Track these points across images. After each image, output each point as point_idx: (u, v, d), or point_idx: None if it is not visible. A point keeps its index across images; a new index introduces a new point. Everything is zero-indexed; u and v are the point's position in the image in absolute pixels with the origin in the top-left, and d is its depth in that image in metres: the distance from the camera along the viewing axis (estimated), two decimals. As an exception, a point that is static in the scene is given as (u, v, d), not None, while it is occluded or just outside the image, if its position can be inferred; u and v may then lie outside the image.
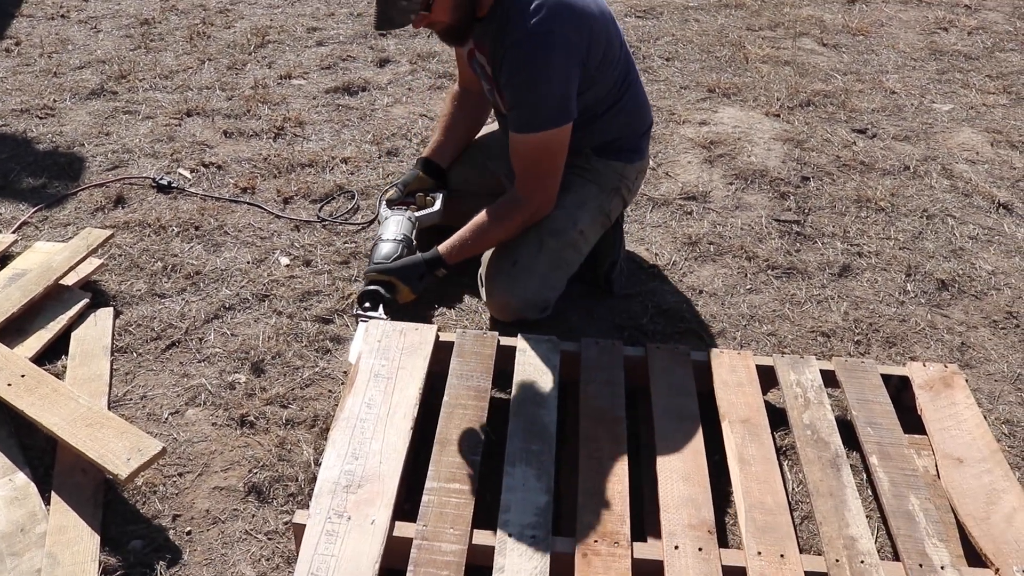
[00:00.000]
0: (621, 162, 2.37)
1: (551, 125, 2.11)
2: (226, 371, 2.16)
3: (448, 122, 2.56)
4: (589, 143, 2.33)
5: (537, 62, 2.06)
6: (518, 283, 2.23)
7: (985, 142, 3.36)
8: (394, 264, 2.17)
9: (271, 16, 4.38)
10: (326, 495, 1.66)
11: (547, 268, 2.25)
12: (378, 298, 2.13)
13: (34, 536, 1.71)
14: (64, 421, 1.83)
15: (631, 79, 2.33)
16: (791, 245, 2.71)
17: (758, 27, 4.43)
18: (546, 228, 2.26)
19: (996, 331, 2.41)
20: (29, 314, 2.21)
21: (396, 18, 2.05)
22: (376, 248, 2.24)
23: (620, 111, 2.31)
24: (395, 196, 2.44)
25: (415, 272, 2.17)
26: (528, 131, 2.12)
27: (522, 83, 2.10)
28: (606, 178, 2.35)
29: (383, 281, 2.15)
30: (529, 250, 2.24)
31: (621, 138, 2.36)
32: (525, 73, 2.08)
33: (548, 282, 2.27)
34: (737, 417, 1.90)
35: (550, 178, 2.20)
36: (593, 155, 2.35)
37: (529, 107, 2.11)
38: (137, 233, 2.66)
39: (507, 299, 2.24)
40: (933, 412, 1.96)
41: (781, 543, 1.63)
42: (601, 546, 1.60)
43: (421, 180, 2.50)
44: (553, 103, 2.10)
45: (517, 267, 2.23)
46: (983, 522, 1.71)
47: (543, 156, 2.16)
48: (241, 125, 3.30)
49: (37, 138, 3.20)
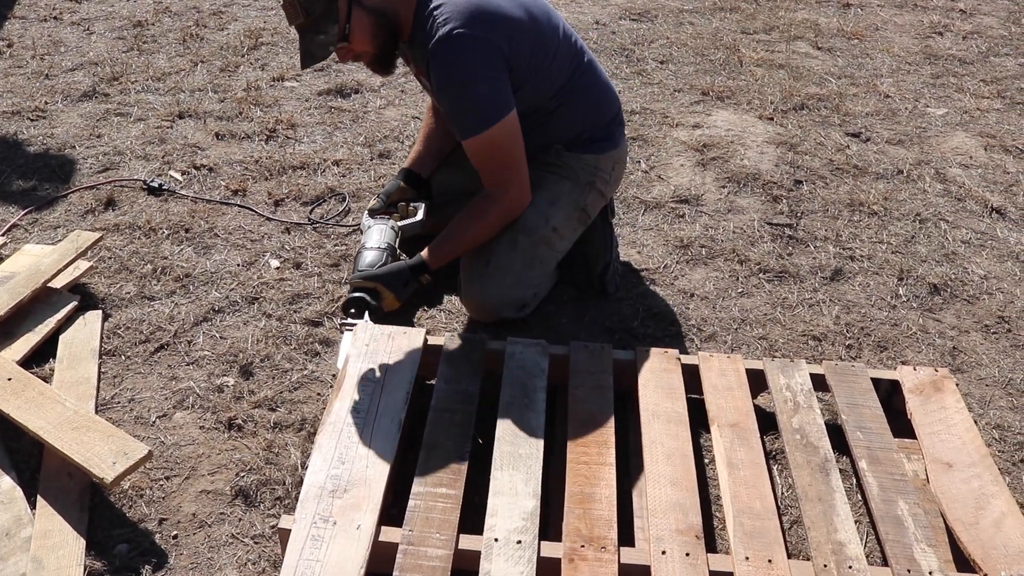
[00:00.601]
0: (593, 154, 2.34)
1: (492, 122, 2.10)
2: (215, 374, 2.15)
3: (427, 132, 2.58)
4: (556, 138, 2.31)
5: (456, 66, 2.06)
6: (492, 282, 2.23)
7: (979, 146, 3.36)
8: (379, 271, 2.16)
9: (265, 18, 4.37)
10: (312, 500, 1.65)
11: (521, 266, 2.25)
12: (363, 305, 2.12)
13: (19, 540, 1.70)
14: (50, 425, 1.82)
15: (582, 70, 2.30)
16: (783, 249, 2.71)
17: (752, 30, 4.43)
18: (519, 227, 2.25)
19: (988, 336, 2.40)
20: (17, 317, 2.20)
21: (316, 53, 2.08)
22: (360, 256, 2.23)
23: (576, 104, 2.30)
24: (377, 206, 2.44)
25: (400, 279, 2.16)
26: (472, 134, 2.12)
27: (449, 90, 2.10)
28: (579, 172, 2.33)
29: (368, 288, 2.14)
30: (502, 249, 2.24)
31: (587, 130, 2.34)
32: (448, 80, 2.09)
33: (523, 280, 2.26)
34: (726, 421, 1.89)
35: (513, 169, 2.19)
36: (564, 150, 2.33)
37: (464, 112, 2.12)
38: (127, 235, 2.65)
39: (482, 298, 2.24)
40: (923, 416, 1.95)
41: (769, 548, 1.62)
42: (588, 551, 1.60)
43: (403, 190, 2.50)
44: (485, 101, 2.09)
45: (491, 266, 2.23)
46: (972, 527, 1.70)
47: (497, 152, 2.15)
48: (233, 127, 3.29)
49: (28, 140, 3.19)
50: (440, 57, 2.06)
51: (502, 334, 2.10)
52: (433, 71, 2.09)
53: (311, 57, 2.08)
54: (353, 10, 2.06)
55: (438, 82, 2.10)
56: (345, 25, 2.06)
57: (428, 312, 2.39)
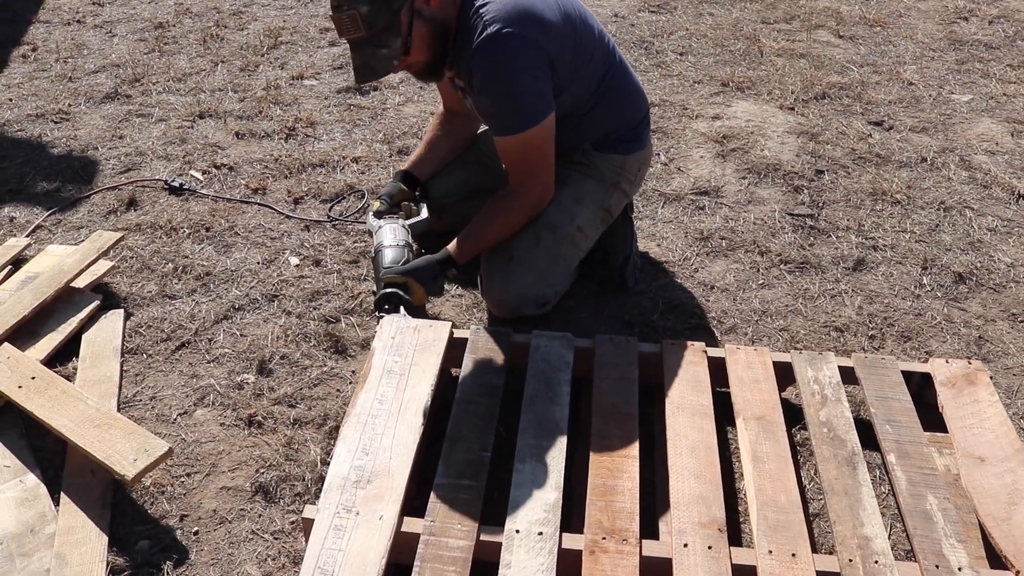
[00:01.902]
0: (620, 155, 2.34)
1: (533, 123, 2.10)
2: (235, 371, 2.16)
3: (431, 139, 2.57)
4: (586, 138, 2.31)
5: (503, 63, 2.05)
6: (514, 278, 2.22)
7: (1005, 132, 3.31)
8: (409, 266, 2.17)
9: (284, 17, 4.39)
10: (335, 490, 1.66)
11: (544, 264, 2.25)
12: (398, 300, 2.13)
13: (43, 536, 1.72)
14: (73, 423, 1.84)
15: (614, 71, 2.30)
16: (804, 239, 2.68)
17: (773, 20, 4.38)
18: (543, 223, 2.25)
19: (1015, 324, 2.36)
20: (40, 317, 2.23)
21: (378, 67, 2.06)
22: (381, 255, 2.25)
23: (608, 105, 2.30)
24: (382, 208, 2.44)
25: (429, 273, 2.17)
26: (512, 133, 2.12)
27: (493, 87, 2.09)
28: (605, 172, 2.33)
29: (399, 284, 2.15)
30: (526, 245, 2.24)
31: (616, 130, 2.34)
32: (494, 77, 2.07)
33: (545, 278, 2.26)
34: (752, 414, 1.87)
35: (544, 170, 2.20)
36: (592, 150, 2.33)
37: (506, 110, 2.11)
38: (148, 235, 2.67)
39: (503, 295, 2.24)
40: (955, 410, 1.92)
41: (793, 542, 1.60)
42: (609, 543, 1.59)
43: (403, 192, 2.49)
44: (528, 101, 2.09)
45: (513, 263, 2.22)
46: (1004, 523, 1.66)
47: (530, 153, 2.16)
48: (253, 126, 3.31)
49: (52, 142, 3.22)
50: (488, 54, 2.05)
51: (525, 328, 2.09)
52: (477, 67, 2.07)
53: (372, 72, 2.06)
54: (414, 21, 2.04)
55: (483, 78, 2.08)
56: (407, 37, 2.04)
57: (447, 306, 2.38)
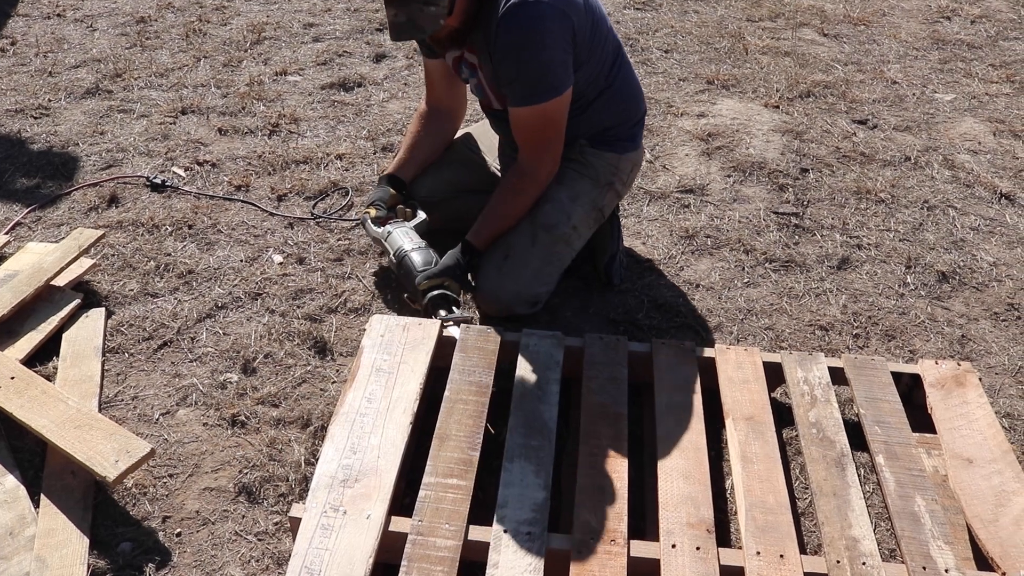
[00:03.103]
0: (615, 153, 2.35)
1: (552, 94, 2.11)
2: (218, 371, 2.14)
3: (412, 141, 2.52)
4: (584, 131, 2.31)
5: (532, 31, 2.04)
6: (509, 277, 2.21)
7: (987, 132, 3.32)
8: (441, 267, 2.18)
9: (267, 12, 4.36)
10: (323, 489, 1.65)
11: (539, 262, 2.24)
12: (449, 300, 2.14)
13: (23, 539, 1.70)
14: (53, 423, 1.82)
15: (621, 61, 2.31)
16: (789, 238, 2.68)
17: (758, 18, 4.39)
18: (540, 222, 2.25)
19: (997, 323, 2.37)
20: (20, 315, 2.20)
21: (425, 25, 2.04)
22: (408, 260, 2.24)
23: (613, 96, 2.30)
24: (381, 214, 2.41)
25: (459, 269, 2.19)
26: (529, 103, 2.12)
27: (518, 56, 2.08)
28: (600, 172, 2.33)
29: (438, 285, 2.15)
30: (522, 243, 2.23)
31: (615, 127, 2.35)
32: (520, 44, 2.06)
33: (540, 277, 2.25)
34: (741, 414, 1.88)
35: (555, 145, 2.21)
36: (587, 146, 2.33)
37: (527, 79, 2.10)
38: (130, 232, 2.64)
39: (498, 293, 2.23)
40: (944, 411, 1.93)
41: (781, 543, 1.60)
42: (597, 544, 1.58)
43: (394, 196, 2.46)
44: (551, 72, 2.09)
45: (508, 260, 2.22)
46: (991, 524, 1.67)
47: (546, 125, 2.17)
48: (236, 122, 3.28)
49: (31, 138, 3.18)
50: (517, 20, 2.03)
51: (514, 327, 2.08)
52: (505, 33, 2.04)
53: (416, 30, 2.04)
54: None
55: (508, 44, 2.06)
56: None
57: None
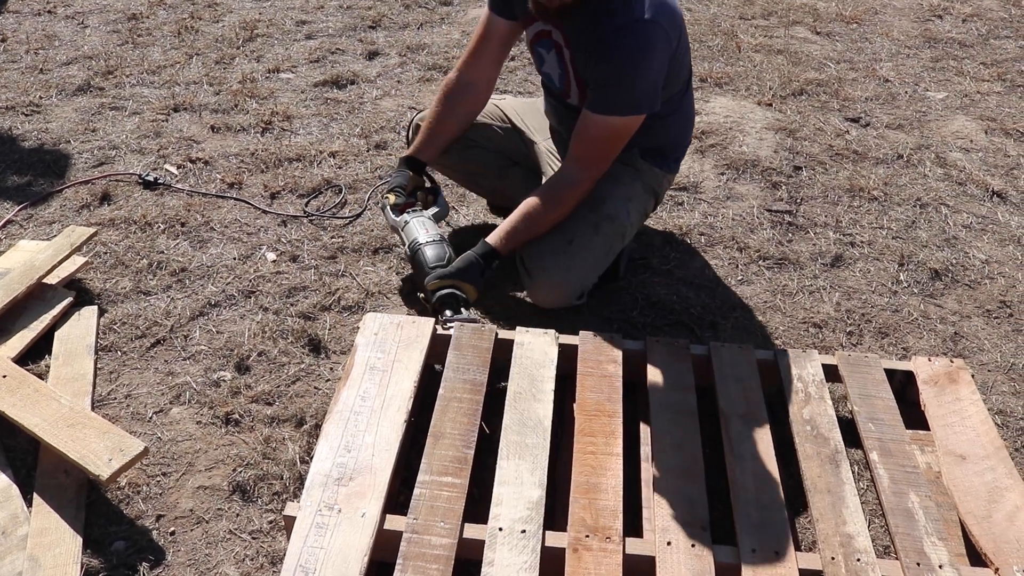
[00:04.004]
0: (662, 170, 2.38)
1: (635, 111, 2.11)
2: (211, 369, 2.13)
3: (433, 121, 2.40)
4: (642, 143, 2.30)
5: (639, 50, 2.04)
6: (575, 261, 2.19)
7: (979, 130, 3.34)
8: (454, 269, 2.15)
9: (260, 9, 4.34)
10: (317, 488, 1.65)
11: (600, 251, 2.24)
12: (457, 300, 2.12)
13: (15, 539, 1.69)
14: (45, 422, 1.81)
15: (688, 85, 2.33)
16: (783, 235, 2.69)
17: (751, 16, 4.40)
18: (603, 212, 2.24)
19: (990, 320, 2.38)
20: (11, 314, 2.19)
21: None
22: (421, 253, 2.21)
23: (679, 115, 2.33)
24: (399, 200, 2.36)
25: (476, 272, 2.16)
26: (611, 113, 2.11)
27: (620, 67, 2.07)
28: (650, 180, 2.36)
29: (448, 286, 2.14)
30: (585, 231, 2.22)
31: (670, 145, 2.38)
32: (625, 58, 2.05)
33: (598, 267, 2.26)
34: (736, 412, 1.88)
35: (608, 162, 2.21)
36: (639, 156, 2.34)
37: (620, 90, 2.09)
38: (123, 230, 2.63)
39: (565, 276, 2.19)
40: (937, 408, 1.93)
41: (776, 540, 1.60)
42: (593, 541, 1.58)
43: (413, 179, 2.41)
44: (644, 91, 2.10)
45: (574, 245, 2.20)
46: (984, 520, 1.68)
47: (614, 140, 2.16)
48: (228, 120, 3.27)
49: (22, 135, 3.17)
50: (630, 34, 2.03)
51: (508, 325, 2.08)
52: (612, 42, 2.04)
53: None
54: None
55: (613, 54, 2.04)
56: None
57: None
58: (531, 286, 2.25)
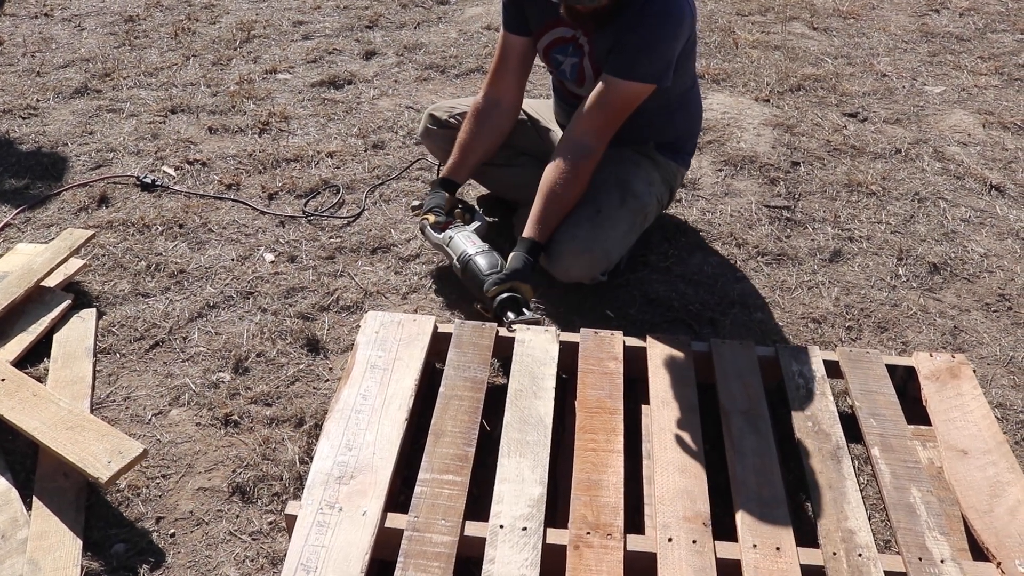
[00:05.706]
0: (676, 163, 2.44)
1: (650, 79, 2.15)
2: (210, 370, 2.13)
3: (464, 142, 2.41)
4: (658, 136, 2.36)
5: (665, 23, 2.10)
6: (603, 231, 2.21)
7: (977, 124, 3.33)
8: (509, 270, 2.15)
9: (257, 10, 4.34)
10: (318, 486, 1.65)
11: (627, 226, 2.27)
12: (516, 302, 2.13)
13: (15, 542, 1.69)
14: (44, 425, 1.81)
15: (696, 81, 2.41)
16: (781, 231, 2.69)
17: (748, 12, 4.39)
18: (629, 189, 2.28)
19: (988, 314, 2.38)
20: (10, 317, 2.19)
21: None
22: (473, 263, 2.21)
23: (687, 109, 2.40)
24: (440, 219, 2.36)
25: (526, 269, 2.16)
26: (633, 78, 2.14)
27: (648, 32, 2.11)
28: (666, 173, 2.42)
29: (506, 289, 2.14)
30: (611, 203, 2.25)
31: (681, 139, 2.45)
32: (651, 26, 2.10)
33: (624, 241, 2.29)
34: (737, 408, 1.88)
35: (613, 133, 2.22)
36: (655, 149, 2.39)
37: (640, 55, 2.13)
38: (121, 232, 2.63)
39: (591, 245, 2.19)
40: (938, 403, 1.93)
41: (777, 536, 1.60)
42: (594, 538, 1.58)
43: (449, 200, 2.41)
44: (665, 60, 2.15)
45: (601, 215, 2.22)
46: (986, 515, 1.68)
47: (626, 106, 2.19)
48: (226, 121, 3.27)
49: (20, 138, 3.17)
50: (658, 8, 2.09)
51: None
52: (640, 12, 2.09)
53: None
54: None
55: (640, 22, 2.09)
56: None
57: (426, 301, 2.37)
58: (558, 255, 2.23)
